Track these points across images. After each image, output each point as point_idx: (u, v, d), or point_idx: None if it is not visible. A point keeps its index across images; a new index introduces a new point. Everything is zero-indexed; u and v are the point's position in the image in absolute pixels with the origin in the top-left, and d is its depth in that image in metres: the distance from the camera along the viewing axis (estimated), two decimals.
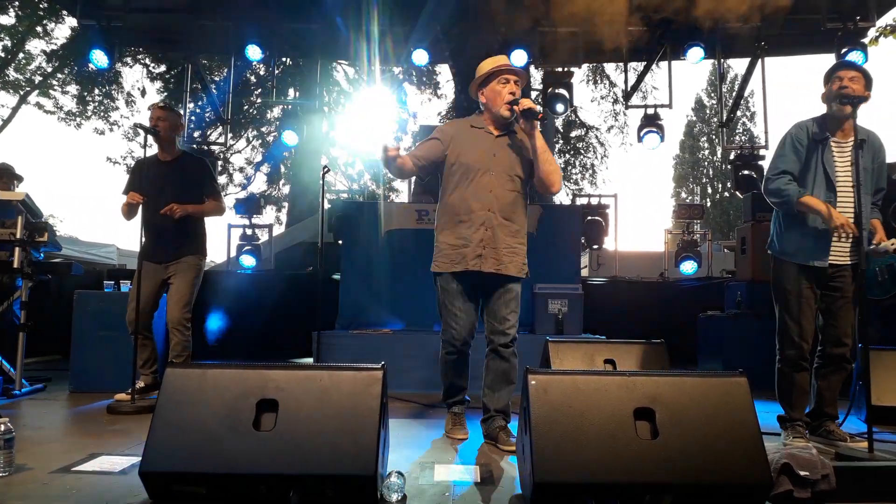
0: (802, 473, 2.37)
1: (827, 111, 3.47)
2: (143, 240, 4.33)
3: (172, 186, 4.40)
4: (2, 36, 16.84)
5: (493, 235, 3.30)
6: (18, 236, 4.73)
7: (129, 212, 4.33)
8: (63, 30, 17.98)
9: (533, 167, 3.37)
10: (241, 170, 20.79)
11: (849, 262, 3.40)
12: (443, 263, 3.41)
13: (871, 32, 7.44)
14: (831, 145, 3.41)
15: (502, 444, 3.27)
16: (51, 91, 18.28)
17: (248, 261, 7.80)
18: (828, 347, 3.48)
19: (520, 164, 3.38)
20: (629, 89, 9.02)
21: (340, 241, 6.65)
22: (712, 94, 39.03)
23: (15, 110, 18.24)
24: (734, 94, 9.44)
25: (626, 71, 9.07)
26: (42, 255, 5.05)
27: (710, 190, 39.86)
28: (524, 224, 3.44)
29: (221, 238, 9.13)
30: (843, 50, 7.08)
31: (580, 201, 9.30)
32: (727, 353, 5.65)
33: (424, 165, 3.42)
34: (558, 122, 20.43)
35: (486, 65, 3.42)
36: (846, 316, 3.44)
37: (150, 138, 4.33)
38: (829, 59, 7.46)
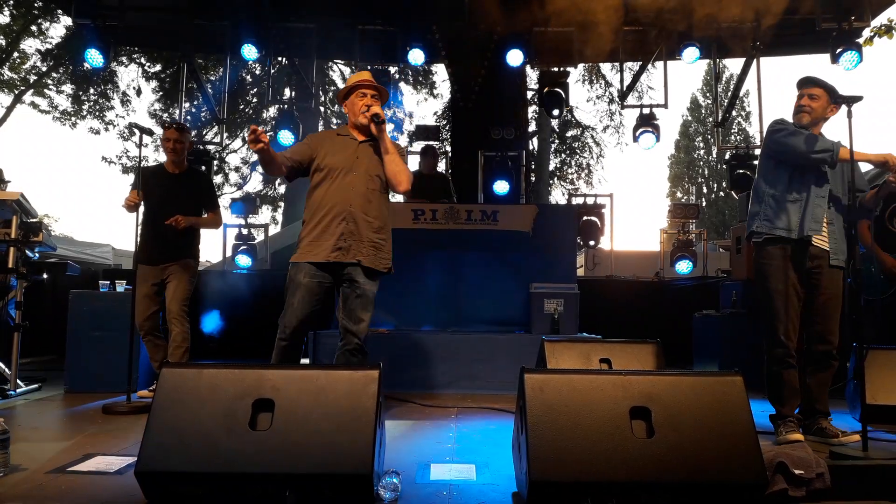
0: (797, 472, 2.39)
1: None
2: (144, 244, 4.57)
3: (178, 198, 4.64)
4: None
5: (355, 229, 3.46)
6: (13, 236, 4.72)
7: (129, 209, 4.46)
8: (58, 29, 17.93)
9: None
10: (237, 169, 20.82)
11: (827, 249, 3.49)
12: (297, 255, 3.51)
13: (866, 32, 7.45)
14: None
15: None
16: (46, 90, 18.25)
17: (244, 260, 7.80)
18: (813, 345, 3.53)
19: (381, 165, 3.59)
20: (625, 89, 9.03)
21: None
22: (708, 94, 39.08)
23: (9, 110, 18.22)
24: (730, 93, 9.45)
25: (621, 71, 9.09)
26: (37, 254, 5.05)
27: (705, 189, 39.91)
28: (386, 221, 3.63)
29: (218, 237, 9.10)
30: (838, 50, 7.11)
31: (576, 201, 9.31)
32: (722, 352, 5.66)
33: (292, 166, 3.56)
34: (554, 123, 20.48)
35: (350, 80, 3.74)
36: (831, 314, 3.51)
37: (146, 138, 4.43)
38: (824, 59, 7.49)
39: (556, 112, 8.02)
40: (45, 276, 5.13)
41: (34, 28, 17.19)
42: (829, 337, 3.50)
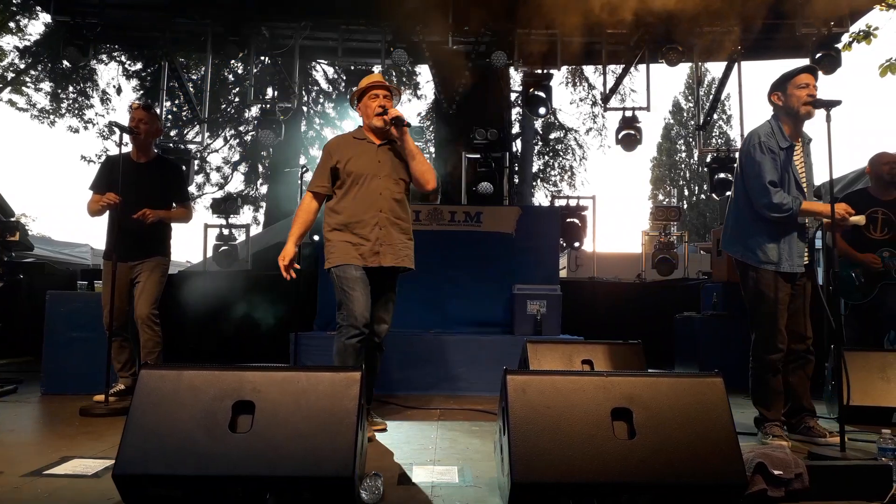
0: (776, 472, 2.41)
1: (785, 114, 3.54)
2: (112, 240, 4.29)
3: (147, 190, 4.36)
4: None
5: (387, 234, 3.58)
6: None
7: (99, 210, 4.27)
8: (37, 26, 17.69)
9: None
10: (219, 169, 20.60)
11: (806, 262, 3.54)
12: (339, 258, 3.56)
13: (845, 38, 7.55)
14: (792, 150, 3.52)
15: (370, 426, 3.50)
16: (24, 88, 17.97)
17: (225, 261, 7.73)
18: (792, 344, 3.56)
19: (402, 168, 3.67)
20: (608, 92, 9.08)
21: (316, 237, 6.59)
22: (689, 98, 39.42)
23: None
24: (711, 97, 9.54)
25: (604, 74, 9.15)
26: (13, 254, 4.96)
27: (686, 192, 40.25)
28: (410, 222, 3.76)
29: (198, 238, 9.03)
30: (818, 55, 7.20)
31: (559, 203, 9.34)
32: (703, 353, 5.71)
33: (329, 186, 3.66)
34: (537, 124, 20.55)
35: (362, 83, 3.78)
36: (805, 313, 3.58)
37: (126, 136, 4.27)
38: (803, 64, 7.58)
39: (542, 110, 8.03)
40: (21, 276, 5.05)
41: (12, 25, 16.92)
42: (805, 334, 3.58)
